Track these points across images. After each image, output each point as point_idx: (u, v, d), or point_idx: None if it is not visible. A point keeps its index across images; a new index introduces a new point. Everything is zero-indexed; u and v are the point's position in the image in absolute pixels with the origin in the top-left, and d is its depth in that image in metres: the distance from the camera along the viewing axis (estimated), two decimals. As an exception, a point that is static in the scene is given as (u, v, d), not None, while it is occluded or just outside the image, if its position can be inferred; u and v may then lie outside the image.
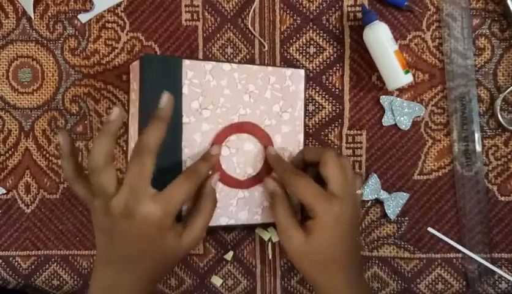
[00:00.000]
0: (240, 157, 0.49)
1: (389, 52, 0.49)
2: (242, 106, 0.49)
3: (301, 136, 0.52)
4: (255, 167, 0.50)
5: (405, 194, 0.53)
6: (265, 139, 0.50)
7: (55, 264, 0.55)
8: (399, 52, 0.49)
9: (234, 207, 0.49)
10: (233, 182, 0.49)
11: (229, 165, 0.49)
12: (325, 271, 0.45)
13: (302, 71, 0.52)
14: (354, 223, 0.47)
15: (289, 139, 0.51)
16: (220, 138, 0.48)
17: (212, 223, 0.48)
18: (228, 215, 0.49)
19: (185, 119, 0.46)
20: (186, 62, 0.46)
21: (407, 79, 0.50)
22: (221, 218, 0.49)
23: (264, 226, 0.55)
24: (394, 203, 0.53)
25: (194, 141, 0.47)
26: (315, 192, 0.44)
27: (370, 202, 0.54)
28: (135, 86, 0.48)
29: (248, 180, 0.50)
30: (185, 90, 0.46)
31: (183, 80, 0.46)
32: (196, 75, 0.47)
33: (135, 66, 0.47)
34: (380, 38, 0.49)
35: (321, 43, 0.54)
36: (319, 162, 0.46)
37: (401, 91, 0.54)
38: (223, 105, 0.48)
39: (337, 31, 0.54)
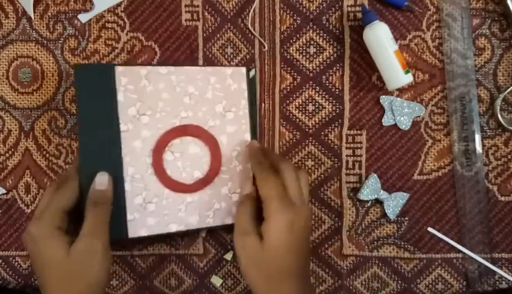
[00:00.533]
0: (186, 160, 0.49)
1: (389, 52, 0.49)
2: (183, 109, 0.49)
3: (248, 135, 0.52)
4: (201, 170, 0.50)
5: (405, 194, 0.53)
6: (210, 141, 0.50)
7: (55, 264, 0.55)
8: (399, 52, 0.49)
9: (183, 213, 0.49)
10: (179, 187, 0.49)
11: (174, 169, 0.48)
12: (277, 281, 0.42)
13: (243, 69, 0.51)
14: (307, 233, 0.45)
15: (235, 138, 0.51)
16: (162, 143, 0.48)
17: (162, 231, 0.48)
18: (177, 221, 0.49)
19: (123, 127, 0.46)
20: (119, 69, 0.46)
21: (407, 79, 0.49)
22: (170, 225, 0.49)
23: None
24: (394, 203, 0.53)
25: (134, 149, 0.47)
26: (278, 193, 0.43)
27: (370, 202, 0.54)
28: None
29: (196, 183, 0.49)
30: (120, 97, 0.46)
31: (117, 87, 0.46)
32: (131, 80, 0.47)
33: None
34: (380, 38, 0.49)
35: (321, 43, 0.54)
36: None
37: (401, 91, 0.54)
38: (162, 109, 0.48)
39: (337, 31, 0.54)
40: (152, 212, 0.48)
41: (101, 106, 0.46)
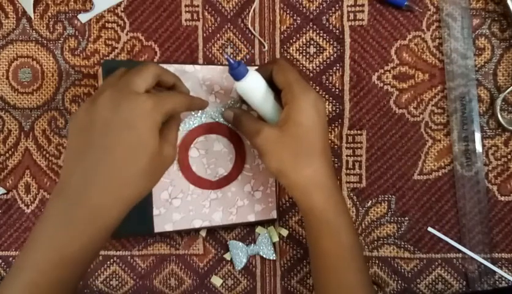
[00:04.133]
0: (210, 157, 0.49)
1: (270, 101, 0.45)
2: (208, 107, 0.49)
3: None
4: (226, 167, 0.50)
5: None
6: (234, 139, 0.50)
7: (55, 264, 0.55)
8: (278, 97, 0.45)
9: (208, 209, 0.49)
10: (204, 184, 0.49)
11: (199, 166, 0.49)
12: (306, 154, 0.42)
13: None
14: (325, 113, 0.45)
15: None
16: (187, 140, 0.48)
17: (186, 226, 0.49)
18: (202, 217, 0.49)
19: None
20: None
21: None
22: (194, 221, 0.49)
23: (262, 225, 0.55)
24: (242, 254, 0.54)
25: None
26: (297, 77, 0.43)
27: (370, 202, 0.54)
28: None
29: (220, 180, 0.50)
30: None
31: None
32: None
33: (100, 73, 0.47)
34: (259, 89, 0.44)
35: (321, 43, 0.54)
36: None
37: (401, 91, 0.54)
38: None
39: (337, 31, 0.54)
40: (177, 207, 0.48)
41: None
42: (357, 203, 0.55)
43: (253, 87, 0.44)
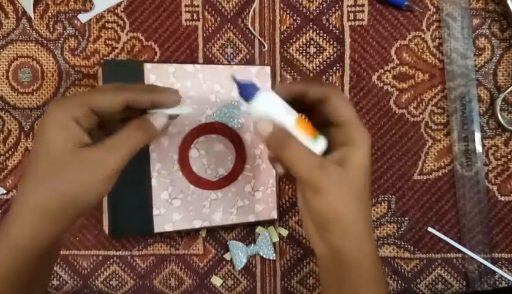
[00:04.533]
0: (211, 157, 0.49)
1: (289, 125, 0.37)
2: (208, 107, 0.49)
3: None
4: (226, 167, 0.50)
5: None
6: (234, 139, 0.50)
7: (55, 264, 0.55)
8: (301, 119, 0.37)
9: (208, 209, 0.49)
10: (204, 184, 0.49)
11: (199, 166, 0.49)
12: (366, 199, 0.38)
13: (268, 69, 0.51)
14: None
15: None
16: (188, 140, 0.48)
17: (186, 226, 0.49)
18: (202, 217, 0.49)
19: None
20: (148, 66, 0.47)
21: (318, 146, 0.37)
22: (194, 221, 0.49)
23: (262, 225, 0.55)
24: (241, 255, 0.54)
25: (161, 145, 0.47)
26: (355, 114, 0.38)
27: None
28: None
29: (220, 180, 0.50)
30: None
31: (146, 84, 0.46)
32: (159, 78, 0.47)
33: (100, 73, 0.47)
34: (271, 113, 0.37)
35: (321, 43, 0.54)
36: (321, 102, 0.38)
37: (401, 91, 0.54)
38: (189, 107, 0.48)
39: (337, 31, 0.54)
40: (177, 207, 0.48)
41: None
42: (357, 203, 0.55)
43: (266, 110, 0.37)
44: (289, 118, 0.36)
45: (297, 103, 0.39)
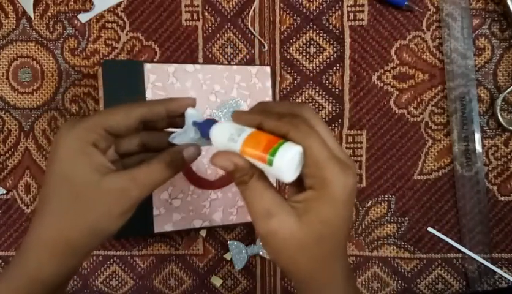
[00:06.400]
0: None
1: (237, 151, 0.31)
2: (208, 107, 0.49)
3: None
4: None
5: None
6: None
7: (55, 264, 0.55)
8: (251, 138, 0.30)
9: (208, 209, 0.50)
10: (204, 184, 0.49)
11: (199, 166, 0.49)
12: (328, 260, 0.32)
13: (267, 69, 0.52)
14: (352, 210, 0.37)
15: None
16: None
17: (186, 226, 0.49)
18: (202, 217, 0.49)
19: None
20: (148, 66, 0.47)
21: (275, 170, 0.29)
22: (194, 221, 0.49)
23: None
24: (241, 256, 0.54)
25: None
26: (328, 153, 0.29)
27: (370, 202, 0.54)
28: (100, 93, 0.48)
29: (220, 180, 0.50)
30: (148, 94, 0.46)
31: (146, 84, 0.46)
32: (159, 77, 0.47)
33: (100, 73, 0.47)
34: (222, 140, 0.33)
35: (321, 43, 0.54)
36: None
37: (401, 91, 0.54)
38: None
39: (337, 31, 0.54)
40: (177, 207, 0.48)
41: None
42: (357, 203, 0.55)
43: (215, 142, 0.34)
44: (235, 144, 0.31)
45: None
